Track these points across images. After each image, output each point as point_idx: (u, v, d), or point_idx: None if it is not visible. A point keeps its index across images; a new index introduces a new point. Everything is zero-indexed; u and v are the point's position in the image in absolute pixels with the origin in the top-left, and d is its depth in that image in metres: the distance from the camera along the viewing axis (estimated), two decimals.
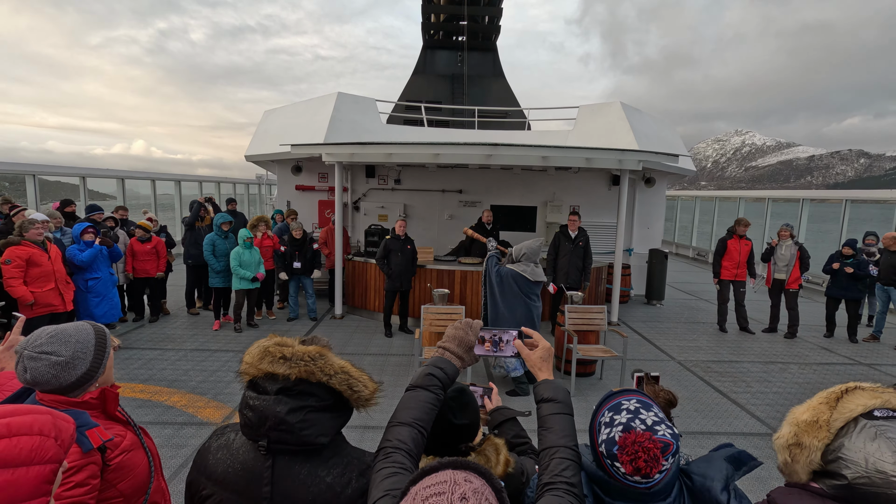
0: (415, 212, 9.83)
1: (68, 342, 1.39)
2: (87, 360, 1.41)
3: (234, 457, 1.21)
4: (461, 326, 1.40)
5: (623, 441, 1.07)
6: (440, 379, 1.29)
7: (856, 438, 1.04)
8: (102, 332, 1.51)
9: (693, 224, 17.69)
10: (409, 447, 1.13)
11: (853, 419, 1.07)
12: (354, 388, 1.22)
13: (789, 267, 7.31)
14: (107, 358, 1.48)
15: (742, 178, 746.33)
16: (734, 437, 4.34)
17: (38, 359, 1.34)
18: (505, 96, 18.85)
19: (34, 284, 4.95)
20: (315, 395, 1.18)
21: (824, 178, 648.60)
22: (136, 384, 5.08)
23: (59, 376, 1.36)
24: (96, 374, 1.44)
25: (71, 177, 11.07)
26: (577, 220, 7.01)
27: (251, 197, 21.19)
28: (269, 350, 1.21)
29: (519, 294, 5.12)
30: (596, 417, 1.19)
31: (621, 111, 9.71)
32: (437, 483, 0.85)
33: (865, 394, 1.09)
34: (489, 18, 19.84)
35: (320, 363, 1.20)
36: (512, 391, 5.12)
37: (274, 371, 1.17)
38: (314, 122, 9.37)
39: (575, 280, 6.88)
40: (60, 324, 1.47)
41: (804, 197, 12.53)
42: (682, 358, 6.42)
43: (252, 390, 1.21)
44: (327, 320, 7.82)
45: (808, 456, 1.10)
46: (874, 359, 6.59)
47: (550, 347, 1.43)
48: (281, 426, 1.14)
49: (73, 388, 1.40)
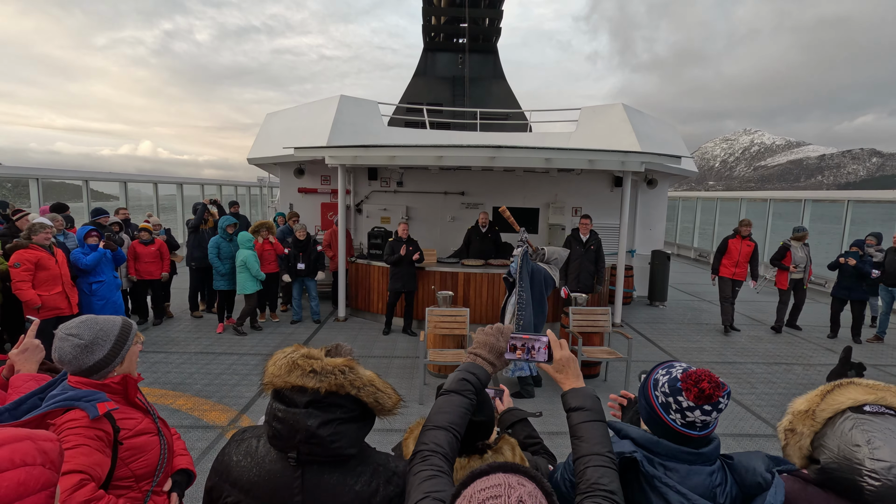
0: (417, 214, 9.84)
1: (93, 328, 1.57)
2: (105, 347, 1.57)
3: (260, 465, 1.21)
4: (492, 333, 1.40)
5: (686, 375, 1.19)
6: (473, 384, 1.30)
7: (836, 428, 1.14)
8: (129, 326, 1.67)
9: (695, 225, 17.69)
10: (445, 451, 1.14)
11: (841, 411, 1.16)
12: (380, 400, 1.24)
13: (805, 267, 7.68)
14: (126, 349, 1.63)
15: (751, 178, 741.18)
16: (741, 440, 4.34)
17: (65, 339, 1.53)
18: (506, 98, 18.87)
19: (41, 288, 4.95)
20: (343, 406, 1.19)
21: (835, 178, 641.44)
22: (141, 387, 5.07)
23: (80, 357, 1.53)
24: (114, 361, 1.59)
25: (74, 180, 11.09)
26: (589, 223, 6.99)
27: (252, 199, 21.21)
28: (298, 363, 1.20)
29: (541, 292, 5.26)
30: (650, 377, 1.29)
31: (623, 113, 9.72)
32: (491, 486, 0.87)
33: (859, 389, 1.17)
34: (490, 21, 19.87)
35: (350, 376, 1.20)
36: (517, 393, 5.12)
37: (304, 385, 1.17)
38: (317, 124, 9.38)
39: (586, 284, 6.85)
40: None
41: (806, 197, 12.52)
42: (686, 359, 6.41)
43: (279, 402, 1.20)
44: (331, 322, 7.82)
45: (798, 441, 1.22)
46: (878, 359, 6.58)
47: (574, 357, 1.44)
48: (312, 440, 1.14)
49: (92, 370, 1.56)
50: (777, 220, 14.05)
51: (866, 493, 1.04)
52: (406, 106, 13.00)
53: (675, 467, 1.17)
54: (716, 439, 1.23)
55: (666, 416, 1.20)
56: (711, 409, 1.16)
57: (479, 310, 7.28)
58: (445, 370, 5.65)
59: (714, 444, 1.22)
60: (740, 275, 7.58)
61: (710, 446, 1.20)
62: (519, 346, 1.43)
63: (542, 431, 1.76)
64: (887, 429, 1.08)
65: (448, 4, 19.24)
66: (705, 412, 1.15)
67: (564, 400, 1.33)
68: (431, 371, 5.75)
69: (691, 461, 1.18)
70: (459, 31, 19.58)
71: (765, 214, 13.91)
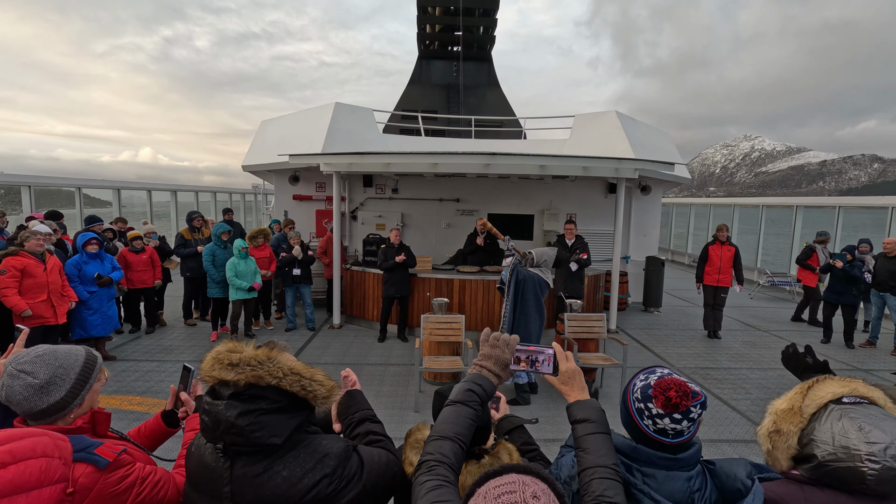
0: (412, 220, 9.84)
1: (50, 365, 1.30)
2: (63, 388, 1.30)
3: (200, 458, 1.26)
4: (498, 345, 1.40)
5: (657, 383, 1.20)
6: (479, 396, 1.30)
7: (825, 421, 1.17)
8: (92, 361, 1.41)
9: (689, 231, 17.80)
10: (451, 461, 1.14)
11: (823, 405, 1.20)
12: (307, 388, 1.24)
13: None
14: (88, 389, 1.37)
15: (752, 184, 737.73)
16: (736, 445, 4.34)
17: (15, 376, 1.26)
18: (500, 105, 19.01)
19: (26, 295, 4.91)
20: (267, 398, 1.21)
21: (837, 184, 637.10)
22: (133, 396, 5.03)
23: (31, 399, 1.25)
24: (71, 404, 1.32)
25: (67, 187, 11.02)
26: (574, 228, 7.02)
27: (247, 206, 21.15)
28: (219, 357, 1.23)
29: (537, 297, 5.23)
30: (631, 381, 1.30)
31: (616, 120, 9.80)
32: (505, 483, 0.90)
33: (834, 383, 1.24)
34: (484, 29, 20.08)
35: (268, 367, 1.21)
36: (513, 400, 5.10)
37: (224, 377, 1.20)
38: (312, 132, 9.40)
39: (575, 290, 6.84)
40: (56, 344, 1.41)
41: (798, 204, 12.66)
42: (681, 365, 6.43)
43: (209, 395, 1.24)
44: (325, 330, 7.78)
45: (786, 441, 1.23)
46: (871, 364, 6.62)
47: (580, 369, 1.43)
48: (232, 430, 1.17)
49: (44, 414, 1.28)
50: (770, 227, 14.18)
51: (868, 478, 1.06)
52: (401, 113, 13.06)
53: (653, 473, 1.18)
54: (696, 444, 1.23)
55: (640, 422, 1.21)
56: (682, 417, 1.16)
57: (474, 316, 7.27)
58: (441, 377, 5.63)
59: (693, 449, 1.22)
60: (725, 281, 7.62)
61: (688, 452, 1.20)
62: (523, 357, 1.43)
63: (538, 438, 1.77)
64: (870, 415, 1.13)
65: (443, 13, 19.42)
66: (675, 420, 1.16)
67: (570, 412, 1.33)
68: (427, 378, 5.73)
69: (669, 467, 1.18)
70: (454, 40, 19.75)
71: (757, 220, 14.05)
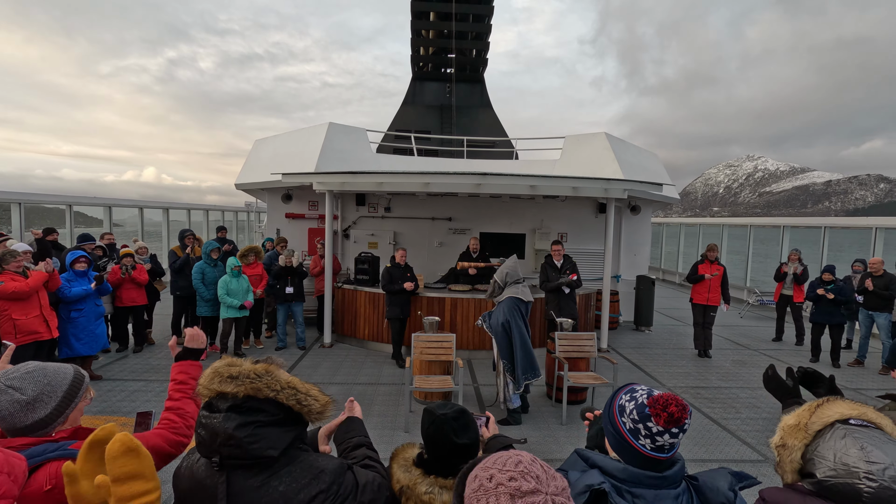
0: (404, 239, 9.88)
1: (39, 382, 1.36)
2: (49, 405, 1.36)
3: (193, 474, 1.26)
4: None
5: (653, 401, 1.21)
6: None
7: (829, 439, 1.21)
8: (80, 380, 1.47)
9: (679, 250, 17.99)
10: None
11: (830, 424, 1.23)
12: (303, 402, 1.27)
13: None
14: (73, 407, 1.43)
15: (756, 204, 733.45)
16: (726, 465, 4.33)
17: (3, 391, 1.32)
18: (492, 126, 19.29)
19: (19, 311, 4.88)
20: (264, 410, 1.23)
21: (843, 204, 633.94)
22: (119, 417, 4.94)
23: (17, 415, 1.31)
24: (56, 420, 1.38)
25: (57, 204, 10.97)
26: (561, 248, 7.06)
27: (240, 224, 21.12)
28: (219, 370, 1.25)
29: (523, 321, 5.11)
30: (614, 402, 1.31)
31: (606, 141, 9.98)
32: (498, 457, 0.91)
33: (844, 404, 1.27)
34: (476, 52, 20.49)
35: (266, 380, 1.24)
36: (504, 420, 5.08)
37: (223, 390, 1.22)
38: (305, 151, 9.47)
39: (570, 311, 6.68)
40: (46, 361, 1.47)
41: (785, 224, 12.91)
42: (671, 384, 6.44)
43: (206, 410, 1.25)
44: (316, 349, 7.72)
45: (790, 455, 1.28)
46: (859, 383, 6.67)
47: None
48: (230, 441, 1.18)
49: (28, 430, 1.34)
50: (759, 246, 14.39)
51: (864, 496, 1.09)
52: (394, 133, 13.22)
53: (642, 493, 1.18)
54: (679, 460, 1.25)
55: (635, 442, 1.22)
56: (678, 431, 1.19)
57: (465, 335, 7.26)
58: (431, 397, 5.59)
59: (678, 465, 1.24)
60: (714, 300, 7.70)
61: (673, 469, 1.22)
62: None
63: None
64: (875, 437, 1.17)
65: (436, 36, 19.83)
66: (673, 435, 1.19)
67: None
68: (417, 398, 5.69)
69: (657, 485, 1.19)
70: (447, 62, 20.12)
71: (745, 239, 14.27)
